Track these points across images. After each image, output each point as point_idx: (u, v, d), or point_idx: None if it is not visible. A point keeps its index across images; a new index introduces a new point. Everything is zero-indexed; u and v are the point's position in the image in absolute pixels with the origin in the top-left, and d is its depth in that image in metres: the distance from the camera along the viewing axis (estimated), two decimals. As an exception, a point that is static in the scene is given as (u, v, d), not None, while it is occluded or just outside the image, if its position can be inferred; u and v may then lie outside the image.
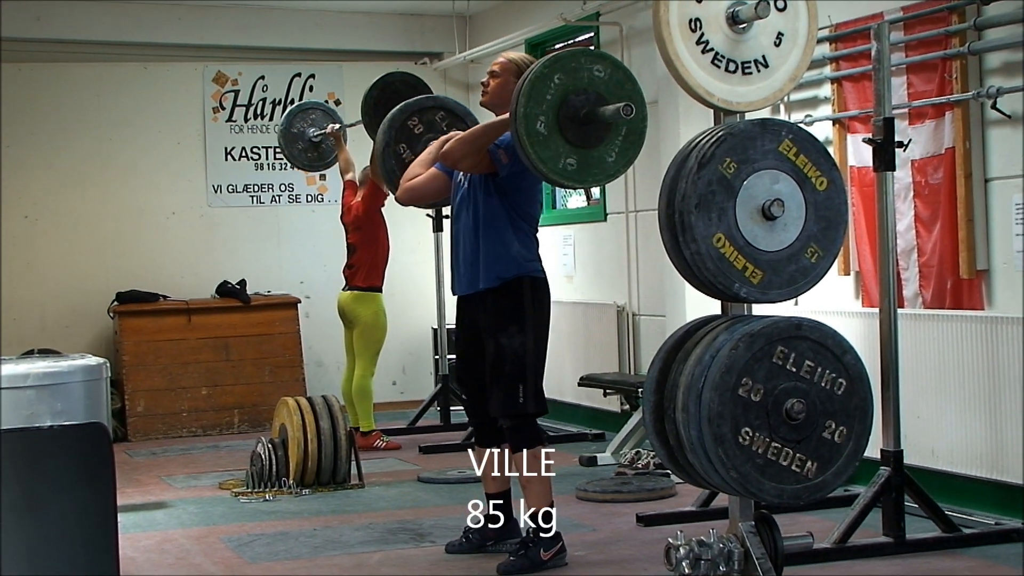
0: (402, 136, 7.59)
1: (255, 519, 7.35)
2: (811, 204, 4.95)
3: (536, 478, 5.99)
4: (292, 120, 10.63)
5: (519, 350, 5.98)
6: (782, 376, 4.80)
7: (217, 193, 11.96)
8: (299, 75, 12.17)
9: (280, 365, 11.31)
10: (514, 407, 5.98)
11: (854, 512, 5.97)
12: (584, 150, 5.42)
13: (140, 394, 10.85)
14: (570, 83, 5.38)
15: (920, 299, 7.05)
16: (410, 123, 7.62)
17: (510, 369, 5.99)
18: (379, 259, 9.74)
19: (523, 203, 6.04)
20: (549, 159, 5.37)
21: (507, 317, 6.00)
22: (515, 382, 5.99)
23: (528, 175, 5.76)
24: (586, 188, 5.78)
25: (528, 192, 6.05)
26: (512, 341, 5.97)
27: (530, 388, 5.99)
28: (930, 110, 6.92)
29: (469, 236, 6.08)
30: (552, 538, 6.01)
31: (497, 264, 5.99)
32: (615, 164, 5.53)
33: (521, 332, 5.99)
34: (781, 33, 5.09)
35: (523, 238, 6.04)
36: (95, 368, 6.60)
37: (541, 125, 5.33)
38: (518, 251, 6.01)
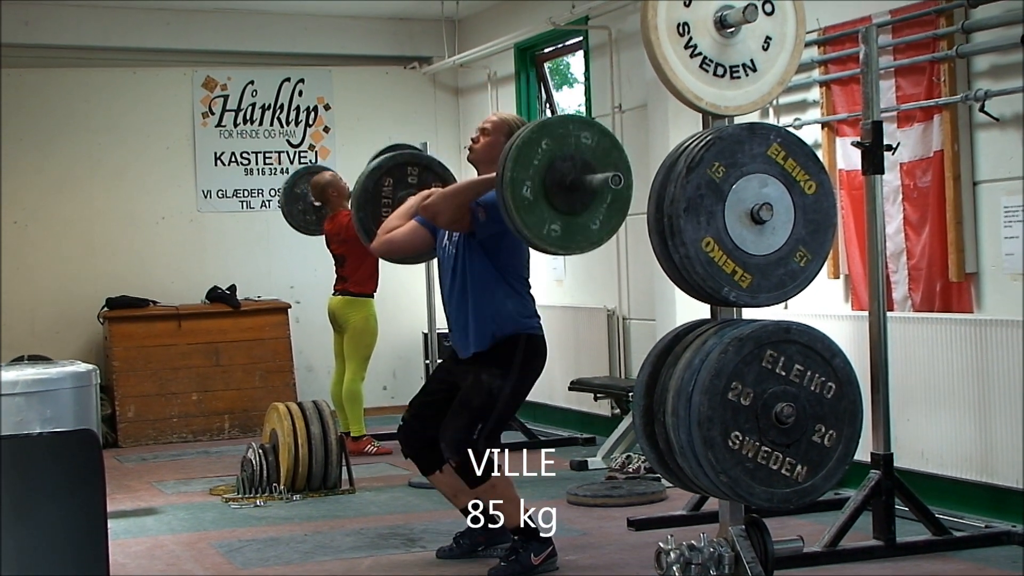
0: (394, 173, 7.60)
1: (246, 525, 7.34)
2: (800, 208, 4.96)
3: (504, 503, 5.97)
4: (296, 180, 10.57)
5: (495, 391, 5.95)
6: (771, 380, 4.80)
7: (207, 198, 11.95)
8: (288, 80, 12.16)
9: (270, 370, 11.30)
10: (465, 440, 5.91)
11: (844, 515, 5.97)
12: (569, 216, 5.40)
13: (130, 400, 10.84)
14: (557, 149, 5.36)
15: (909, 302, 7.06)
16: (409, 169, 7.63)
17: (479, 403, 5.95)
18: (372, 267, 9.73)
19: (509, 261, 6.01)
20: (534, 224, 5.34)
21: (495, 363, 5.97)
22: (476, 419, 5.94)
23: (508, 234, 5.69)
24: (571, 254, 5.75)
25: (511, 250, 6.00)
26: (492, 381, 5.95)
27: (487, 429, 5.95)
28: (918, 113, 6.93)
29: (459, 300, 6.05)
30: (543, 541, 6.01)
31: (491, 324, 5.97)
32: (599, 232, 5.51)
33: (503, 377, 5.95)
34: (769, 37, 5.10)
35: (516, 296, 6.02)
36: (84, 374, 6.59)
37: (527, 190, 5.30)
38: (513, 309, 6.00)
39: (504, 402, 5.98)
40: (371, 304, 9.74)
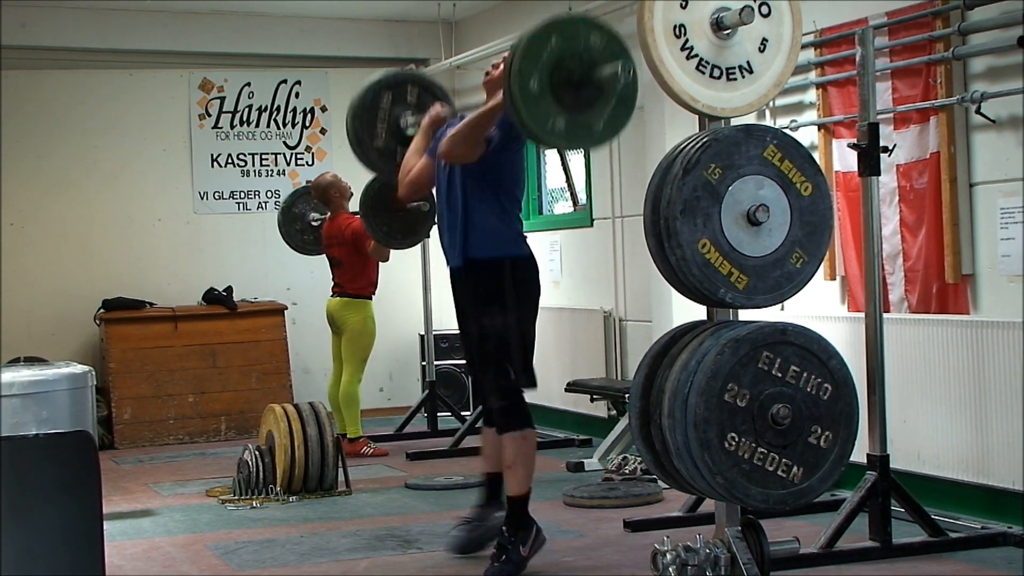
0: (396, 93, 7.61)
1: (242, 526, 7.34)
2: (796, 209, 4.96)
3: (520, 462, 6.01)
4: (295, 201, 10.59)
5: (501, 330, 6.03)
6: (768, 381, 4.80)
7: (203, 200, 11.94)
8: (285, 82, 12.17)
9: (267, 372, 11.30)
10: (506, 384, 6.04)
11: (840, 517, 5.97)
12: (573, 113, 5.40)
13: (127, 401, 10.84)
14: (567, 46, 5.36)
15: (906, 304, 7.06)
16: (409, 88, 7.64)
17: (493, 348, 6.06)
18: (369, 270, 9.75)
19: (506, 182, 6.10)
20: (538, 117, 5.34)
21: (486, 299, 6.07)
22: (501, 361, 6.05)
23: (513, 152, 5.84)
24: (571, 150, 5.80)
25: (511, 171, 6.11)
26: (493, 321, 6.04)
27: (517, 365, 6.05)
28: (915, 115, 6.93)
29: (455, 208, 6.12)
30: (527, 531, 6.00)
31: (478, 240, 6.06)
32: (603, 132, 5.50)
33: (502, 312, 6.04)
34: (765, 39, 5.10)
35: (505, 217, 6.10)
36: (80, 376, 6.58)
37: (534, 83, 5.30)
38: (497, 229, 6.07)
39: (515, 333, 6.07)
40: (369, 306, 9.75)
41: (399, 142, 7.53)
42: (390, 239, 9.16)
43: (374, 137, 7.51)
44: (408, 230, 9.13)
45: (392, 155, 7.53)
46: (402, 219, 9.01)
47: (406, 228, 9.10)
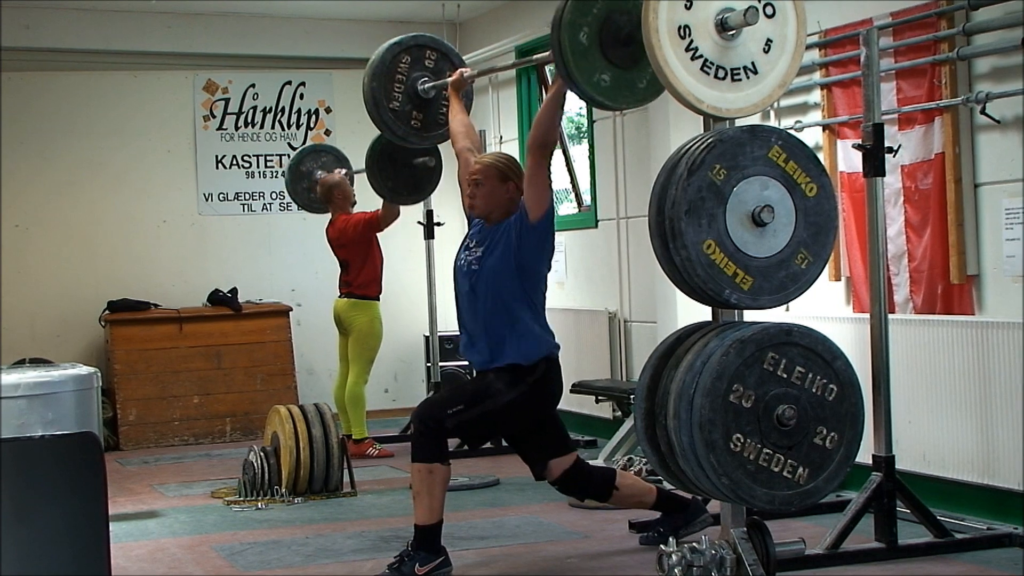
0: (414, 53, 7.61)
1: (247, 527, 7.34)
2: (801, 210, 4.96)
3: (426, 492, 5.94)
4: (303, 159, 10.59)
5: (493, 392, 6.00)
6: (773, 382, 4.80)
7: (208, 201, 11.95)
8: (289, 83, 12.17)
9: (272, 373, 11.30)
10: (436, 415, 5.97)
11: (846, 518, 5.97)
12: (619, 70, 5.47)
13: (132, 403, 10.84)
14: (617, 2, 5.44)
15: (911, 304, 7.06)
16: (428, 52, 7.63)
17: (471, 391, 6.08)
18: (375, 270, 9.77)
19: (538, 282, 6.12)
20: (585, 70, 5.42)
21: (510, 375, 6.02)
22: (459, 401, 6.02)
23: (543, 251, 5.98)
24: (613, 108, 5.81)
25: (541, 272, 6.13)
26: (497, 383, 6.01)
27: (466, 417, 5.99)
28: (919, 115, 6.93)
29: (482, 312, 6.10)
30: (434, 551, 5.97)
31: (520, 345, 6.04)
32: (645, 91, 5.59)
33: (511, 387, 6.01)
34: (770, 39, 5.10)
35: (539, 321, 6.12)
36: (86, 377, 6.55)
37: (583, 36, 5.39)
38: (539, 332, 6.09)
39: (498, 406, 6.01)
40: (376, 307, 9.75)
41: (415, 105, 7.52)
42: (395, 195, 9.16)
43: (390, 99, 7.50)
44: (413, 186, 9.12)
45: (407, 117, 7.52)
46: (407, 174, 9.01)
47: (412, 184, 9.10)
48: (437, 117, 7.55)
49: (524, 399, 6.04)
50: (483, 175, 6.13)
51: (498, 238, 6.07)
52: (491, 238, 6.11)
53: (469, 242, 6.23)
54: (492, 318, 6.05)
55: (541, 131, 5.94)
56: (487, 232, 6.15)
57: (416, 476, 5.95)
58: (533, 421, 6.18)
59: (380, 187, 9.10)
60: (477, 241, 6.18)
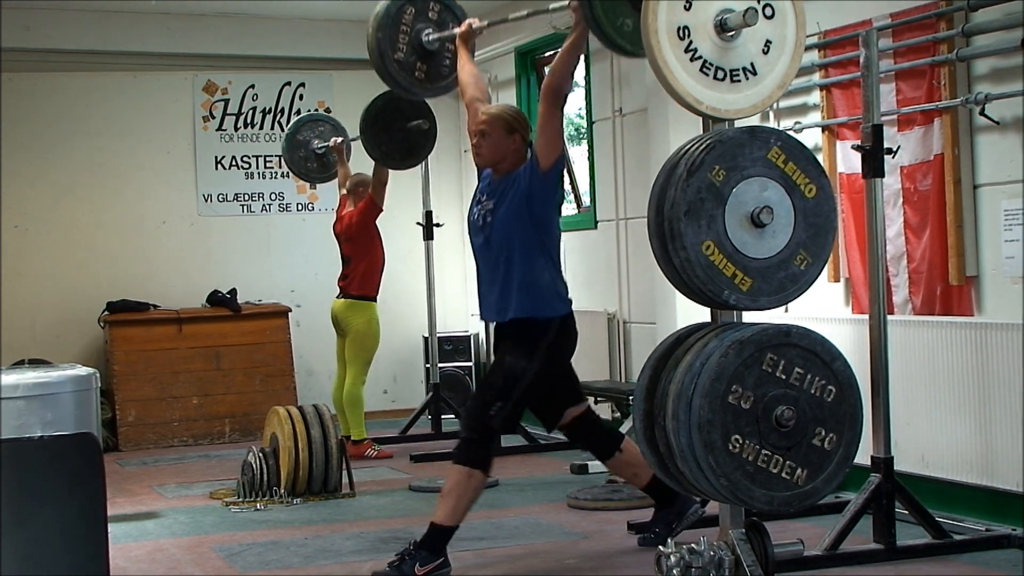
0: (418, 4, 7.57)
1: (246, 528, 7.35)
2: (800, 211, 4.95)
3: (457, 494, 5.97)
4: (300, 127, 10.61)
5: (518, 372, 6.03)
6: (772, 383, 4.80)
7: (207, 202, 11.95)
8: (289, 84, 12.17)
9: (271, 374, 11.31)
10: (481, 419, 6.02)
11: (845, 519, 5.97)
12: None
13: (131, 404, 10.84)
14: None
15: (910, 305, 7.06)
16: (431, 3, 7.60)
17: (500, 383, 6.06)
18: (374, 269, 9.77)
19: (551, 235, 6.17)
20: (610, 13, 5.48)
21: (524, 343, 6.06)
22: (496, 398, 6.04)
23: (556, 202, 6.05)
24: (632, 54, 5.82)
25: (554, 224, 6.21)
26: (516, 362, 6.04)
27: (506, 408, 6.03)
28: (919, 116, 6.93)
29: (502, 263, 6.13)
30: (436, 552, 5.98)
31: (530, 298, 6.08)
32: None
33: (527, 357, 6.05)
34: (769, 41, 5.09)
35: (554, 270, 6.18)
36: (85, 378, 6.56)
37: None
38: (550, 283, 6.12)
39: (526, 384, 6.06)
40: (373, 308, 9.75)
41: (420, 57, 7.49)
42: (387, 158, 9.17)
43: (395, 50, 7.48)
44: (407, 151, 9.13)
45: (412, 68, 7.49)
46: (400, 138, 9.01)
47: (405, 148, 9.10)
48: (441, 69, 7.52)
49: (547, 364, 6.12)
50: (489, 126, 6.18)
51: (508, 189, 6.13)
52: (501, 189, 6.16)
53: (480, 196, 6.29)
54: (509, 267, 6.10)
55: (556, 78, 5.98)
56: (497, 184, 6.21)
57: (453, 476, 5.98)
58: (556, 377, 6.25)
59: (373, 151, 9.09)
60: (488, 194, 6.24)
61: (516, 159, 6.17)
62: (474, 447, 6.01)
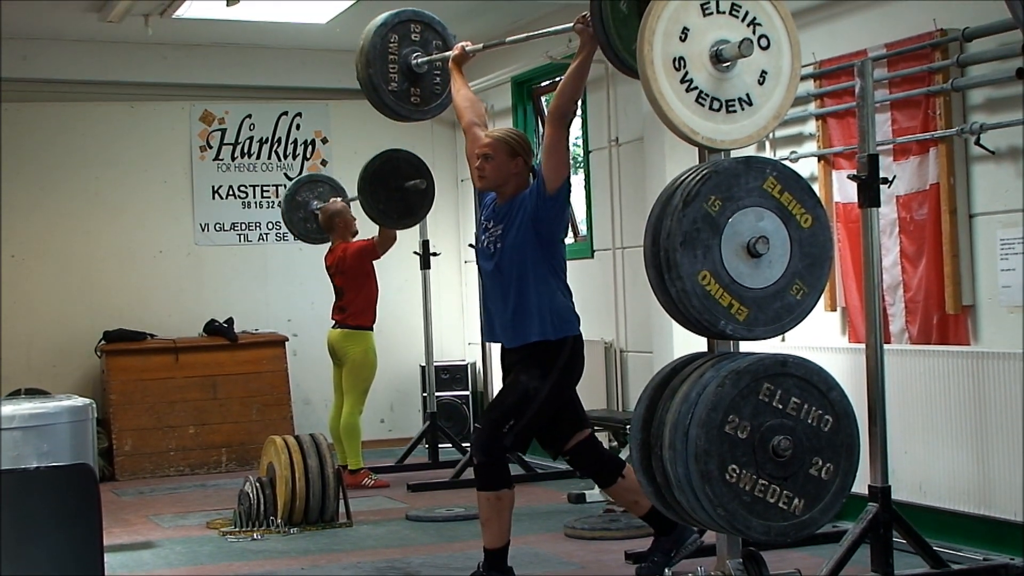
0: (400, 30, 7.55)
1: (243, 558, 7.33)
2: (796, 241, 4.96)
3: (495, 518, 6.01)
4: (298, 188, 10.64)
5: (531, 392, 6.04)
6: (768, 413, 4.80)
7: (204, 231, 11.96)
8: (286, 113, 12.20)
9: (268, 403, 11.30)
10: (494, 438, 6.03)
11: (842, 548, 5.96)
12: None
13: (127, 433, 10.83)
14: None
15: (906, 334, 7.06)
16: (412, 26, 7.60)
17: (512, 402, 6.07)
18: (369, 301, 9.78)
19: (559, 256, 6.18)
20: (626, 38, 5.47)
21: (539, 363, 6.08)
22: (509, 415, 6.04)
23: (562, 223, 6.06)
24: None
25: (560, 245, 6.21)
26: (531, 382, 6.05)
27: (519, 428, 6.04)
28: (914, 146, 6.95)
29: (513, 288, 6.14)
30: (502, 572, 6.06)
31: (546, 321, 6.09)
32: None
33: (542, 378, 6.06)
34: (765, 71, 5.11)
35: (566, 292, 6.20)
36: (81, 409, 6.59)
37: (624, 4, 5.49)
38: (563, 305, 6.15)
39: (540, 403, 6.07)
40: (370, 337, 9.76)
41: (411, 82, 7.49)
42: (385, 217, 9.22)
43: (388, 81, 7.49)
44: (405, 210, 9.17)
45: (407, 96, 7.51)
46: (399, 197, 9.03)
47: (403, 207, 9.13)
48: (433, 89, 7.55)
49: (559, 386, 6.12)
50: (493, 149, 6.20)
51: (516, 213, 6.15)
52: (508, 214, 6.18)
53: (486, 223, 6.30)
54: (522, 292, 6.11)
55: (564, 100, 6.00)
56: (502, 209, 6.22)
57: (484, 503, 6.02)
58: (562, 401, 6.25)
59: (371, 210, 9.14)
60: (494, 220, 6.25)
61: (519, 182, 6.19)
62: (493, 471, 6.04)
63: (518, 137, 6.31)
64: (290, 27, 11.12)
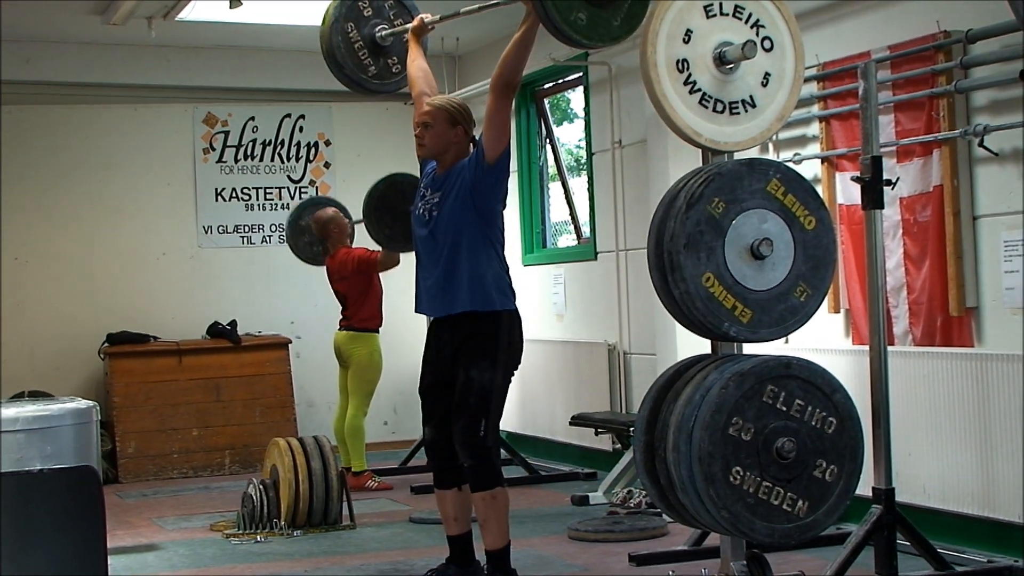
0: (351, 15, 7.45)
1: (246, 560, 7.33)
2: (799, 243, 4.97)
3: (494, 518, 6.00)
4: (301, 212, 10.60)
5: (487, 384, 6.01)
6: (772, 415, 4.80)
7: (207, 234, 11.96)
8: (289, 116, 12.20)
9: (271, 406, 11.29)
10: (474, 439, 5.99)
11: (846, 551, 5.95)
12: (595, 8, 5.43)
13: (131, 435, 10.83)
14: None
15: (910, 336, 7.06)
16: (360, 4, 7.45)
17: (475, 402, 6.01)
18: (375, 303, 9.79)
19: (500, 229, 6.13)
20: (563, 8, 5.38)
21: (480, 350, 6.03)
22: (478, 415, 6.02)
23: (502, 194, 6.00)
24: (588, 47, 5.80)
25: (499, 216, 6.14)
26: (482, 375, 6.00)
27: (491, 422, 6.03)
28: (918, 148, 6.94)
29: (445, 256, 6.09)
30: (507, 573, 6.04)
31: (477, 291, 6.03)
32: (620, 28, 5.53)
33: (492, 367, 6.01)
34: (768, 73, 5.12)
35: (499, 263, 6.11)
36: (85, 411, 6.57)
37: None
38: (495, 276, 6.07)
39: (497, 391, 6.06)
40: (375, 339, 9.76)
41: (383, 54, 7.26)
42: (392, 242, 9.19)
43: (365, 69, 7.40)
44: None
45: (388, 72, 7.37)
46: (404, 222, 8.99)
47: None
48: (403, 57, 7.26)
49: (506, 367, 6.09)
50: (432, 116, 6.16)
51: (453, 182, 6.09)
52: (446, 183, 6.12)
53: (424, 191, 6.24)
54: (453, 260, 6.05)
55: (507, 70, 5.91)
56: (441, 178, 6.16)
57: (480, 505, 6.00)
58: None
59: (377, 235, 9.14)
60: (432, 188, 6.19)
61: (459, 151, 6.13)
62: (483, 471, 6.01)
63: (458, 105, 6.23)
64: (293, 29, 11.11)
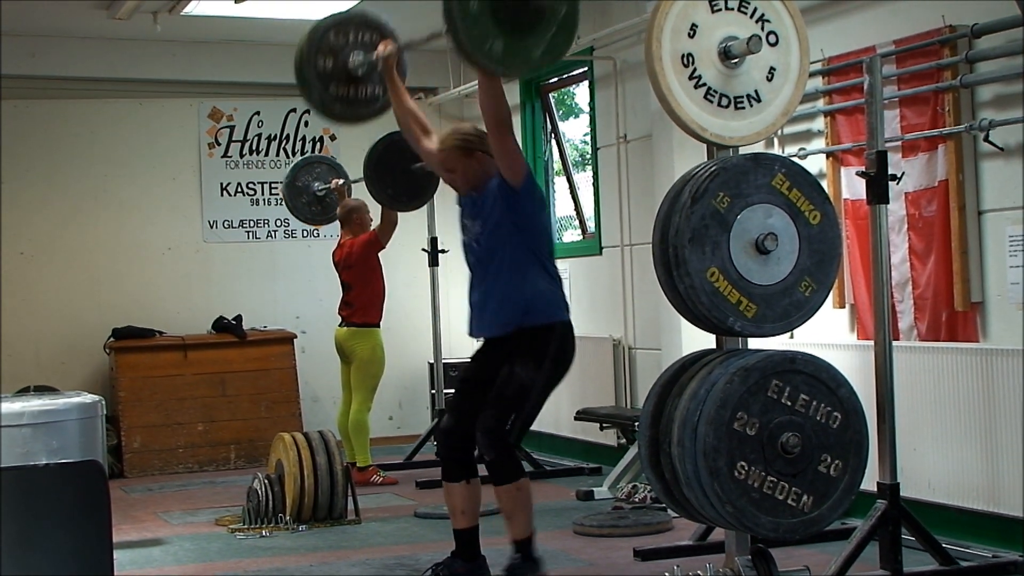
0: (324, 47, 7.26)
1: (252, 555, 7.33)
2: (804, 238, 4.97)
3: (520, 508, 5.99)
4: (297, 173, 10.63)
5: (528, 382, 5.98)
6: (777, 410, 4.80)
7: (213, 228, 11.97)
8: (294, 110, 12.19)
9: (276, 400, 11.30)
10: (499, 430, 5.98)
11: (851, 545, 5.95)
12: (512, 37, 5.28)
13: (136, 430, 10.84)
14: None
15: (915, 331, 7.06)
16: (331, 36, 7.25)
17: (511, 394, 6.00)
18: (376, 296, 9.78)
19: (541, 242, 6.11)
20: (476, 38, 5.22)
21: (530, 352, 6.01)
22: (510, 409, 6.00)
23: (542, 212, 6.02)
24: (506, 76, 5.67)
25: (544, 231, 6.16)
26: (526, 372, 5.98)
27: (520, 421, 6.02)
28: (923, 143, 6.94)
29: (492, 278, 6.10)
30: (537, 563, 6.02)
31: (534, 306, 6.04)
32: (540, 58, 5.40)
33: (537, 368, 5.99)
34: (773, 68, 5.11)
35: (549, 279, 6.12)
36: (91, 405, 6.59)
37: (474, 4, 5.18)
38: (547, 291, 6.08)
39: (537, 394, 6.03)
40: (377, 334, 9.76)
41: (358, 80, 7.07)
42: (395, 202, 9.18)
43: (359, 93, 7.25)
44: (413, 192, 9.11)
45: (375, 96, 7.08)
46: (405, 180, 8.99)
47: (411, 190, 9.09)
48: None
49: (552, 375, 6.07)
50: (452, 161, 6.16)
51: (490, 205, 6.08)
52: (483, 206, 6.11)
53: (466, 221, 6.24)
54: (505, 279, 6.05)
55: (491, 112, 5.86)
56: (478, 202, 6.16)
57: (505, 497, 5.97)
58: None
59: (379, 194, 9.11)
60: (472, 215, 6.19)
61: (486, 172, 6.10)
62: (505, 465, 5.99)
63: (466, 135, 6.18)
64: (298, 23, 11.06)
